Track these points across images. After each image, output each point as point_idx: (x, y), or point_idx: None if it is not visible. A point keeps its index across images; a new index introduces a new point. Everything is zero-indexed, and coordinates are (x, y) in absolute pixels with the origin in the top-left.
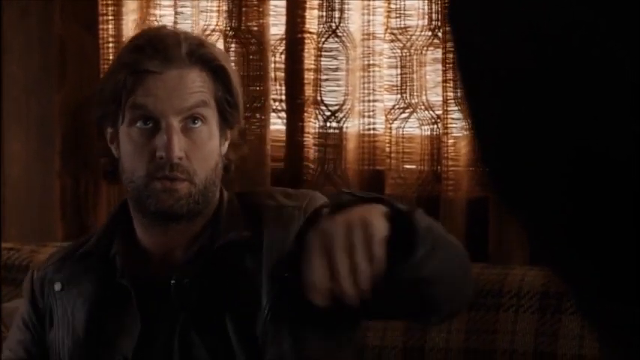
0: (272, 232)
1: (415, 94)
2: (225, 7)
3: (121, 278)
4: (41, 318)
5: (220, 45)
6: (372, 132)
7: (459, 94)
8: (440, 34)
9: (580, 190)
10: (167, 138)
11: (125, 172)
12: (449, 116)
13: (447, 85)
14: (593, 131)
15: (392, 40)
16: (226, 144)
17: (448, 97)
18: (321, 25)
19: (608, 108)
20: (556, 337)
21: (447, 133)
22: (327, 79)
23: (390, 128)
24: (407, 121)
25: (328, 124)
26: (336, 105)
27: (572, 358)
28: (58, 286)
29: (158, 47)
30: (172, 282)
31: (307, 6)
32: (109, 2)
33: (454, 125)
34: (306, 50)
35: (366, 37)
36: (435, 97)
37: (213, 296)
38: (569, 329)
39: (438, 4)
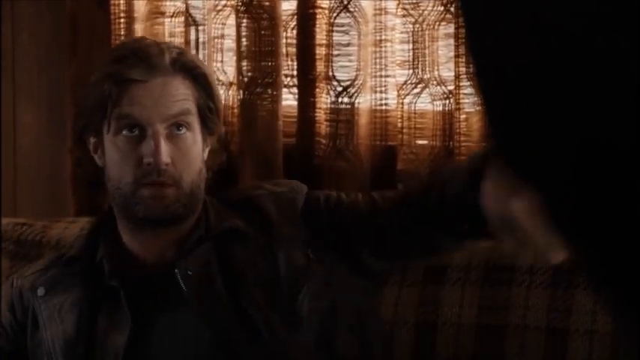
0: (277, 215)
1: (427, 69)
2: None
3: (109, 280)
4: (20, 324)
5: (232, 20)
6: (384, 107)
7: (471, 70)
8: (452, 9)
9: (584, 179)
10: (154, 144)
11: (111, 179)
12: (461, 91)
13: (460, 60)
14: (596, 121)
15: (404, 15)
16: (207, 150)
17: (460, 73)
18: (333, 0)
19: (612, 98)
20: (569, 312)
21: (459, 109)
22: (338, 55)
23: (402, 104)
24: (419, 97)
25: (340, 100)
26: (347, 80)
27: (585, 334)
28: (41, 291)
29: (142, 56)
30: (177, 271)
31: None
32: None
33: (466, 100)
34: (317, 25)
35: (377, 12)
36: (447, 72)
37: (224, 280)
38: (582, 305)
39: None
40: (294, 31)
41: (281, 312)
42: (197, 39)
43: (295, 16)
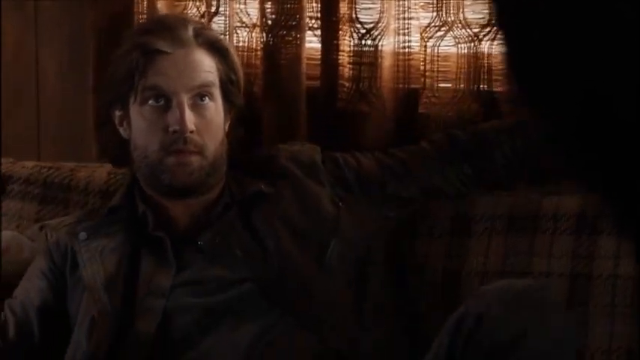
0: (302, 173)
1: (452, 11)
2: None
3: (154, 231)
4: (59, 268)
5: None
6: (407, 50)
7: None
8: None
9: (586, 131)
10: (179, 113)
11: (138, 148)
12: (487, 35)
13: (485, 2)
14: (600, 75)
15: None
16: (227, 124)
17: (485, 15)
18: None
19: (616, 55)
20: (592, 258)
21: (484, 52)
22: None
23: (426, 46)
24: (442, 40)
25: (363, 42)
26: (371, 23)
27: (608, 278)
28: (83, 236)
29: (167, 29)
30: (200, 243)
31: None
32: None
33: (492, 43)
34: None
35: None
36: (472, 15)
37: (252, 236)
38: (605, 250)
39: None
40: None
41: (311, 260)
42: None
43: None
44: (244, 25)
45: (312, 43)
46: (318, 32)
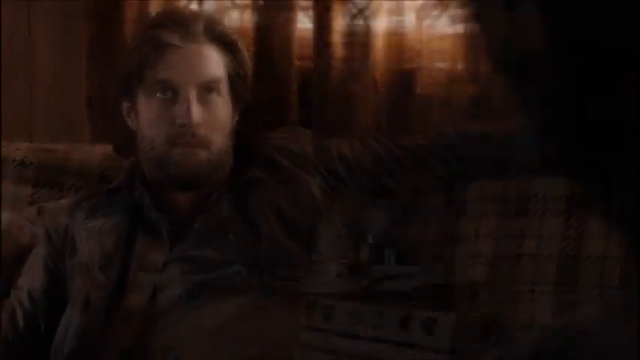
0: (292, 165)
1: None
2: None
3: (150, 212)
4: (58, 251)
5: None
6: (400, 30)
7: None
8: None
9: (585, 85)
10: (187, 106)
11: (144, 140)
12: None
13: None
14: (593, 18)
15: None
16: (235, 120)
17: None
18: None
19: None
20: (581, 239)
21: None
22: None
23: (421, 26)
24: (438, 19)
25: (355, 22)
26: (363, 2)
27: (597, 259)
28: (81, 215)
29: (179, 23)
30: (196, 226)
31: None
32: None
33: None
34: None
35: None
36: None
37: (243, 220)
38: (595, 231)
39: None
40: None
41: (301, 247)
42: None
43: None
44: (236, 5)
45: (304, 23)
46: (310, 12)
